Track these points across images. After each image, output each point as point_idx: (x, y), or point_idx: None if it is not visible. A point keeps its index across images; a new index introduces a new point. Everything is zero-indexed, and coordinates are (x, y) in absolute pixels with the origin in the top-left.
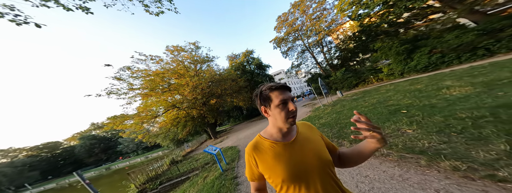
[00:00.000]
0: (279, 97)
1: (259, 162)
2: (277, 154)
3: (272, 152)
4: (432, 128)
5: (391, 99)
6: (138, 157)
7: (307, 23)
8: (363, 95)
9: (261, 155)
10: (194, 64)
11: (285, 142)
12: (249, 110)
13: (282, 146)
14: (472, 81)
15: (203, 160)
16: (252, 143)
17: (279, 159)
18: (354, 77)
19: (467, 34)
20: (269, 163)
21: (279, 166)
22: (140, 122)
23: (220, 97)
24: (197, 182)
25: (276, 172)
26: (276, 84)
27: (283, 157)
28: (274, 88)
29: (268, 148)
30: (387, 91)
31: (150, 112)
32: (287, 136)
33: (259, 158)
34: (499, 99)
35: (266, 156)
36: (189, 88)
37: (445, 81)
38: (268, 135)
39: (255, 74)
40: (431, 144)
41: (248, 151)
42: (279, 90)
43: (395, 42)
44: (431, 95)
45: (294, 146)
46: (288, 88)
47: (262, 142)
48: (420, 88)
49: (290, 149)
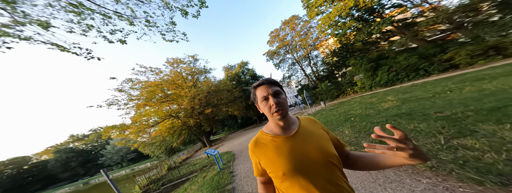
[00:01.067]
0: (261, 94)
1: (261, 157)
2: (278, 147)
3: (273, 146)
4: (358, 129)
5: (352, 109)
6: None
7: (296, 38)
8: (338, 106)
9: (262, 150)
10: (192, 76)
11: (285, 135)
12: (244, 118)
13: (283, 139)
14: (400, 97)
15: (201, 164)
16: (254, 139)
17: (280, 152)
18: (335, 89)
19: (412, 57)
20: (270, 157)
21: (279, 159)
22: (137, 132)
23: (216, 107)
24: (197, 181)
25: (277, 165)
26: (259, 81)
27: (284, 150)
28: (257, 85)
29: (269, 142)
30: (354, 103)
31: (146, 122)
32: (288, 130)
33: (260, 153)
34: (401, 110)
35: (267, 150)
36: (188, 98)
37: (388, 95)
38: (268, 130)
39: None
40: (350, 139)
41: (250, 147)
42: (261, 87)
43: (364, 60)
44: (373, 107)
45: (295, 139)
46: (272, 82)
47: (263, 137)
48: (373, 101)
49: (291, 142)
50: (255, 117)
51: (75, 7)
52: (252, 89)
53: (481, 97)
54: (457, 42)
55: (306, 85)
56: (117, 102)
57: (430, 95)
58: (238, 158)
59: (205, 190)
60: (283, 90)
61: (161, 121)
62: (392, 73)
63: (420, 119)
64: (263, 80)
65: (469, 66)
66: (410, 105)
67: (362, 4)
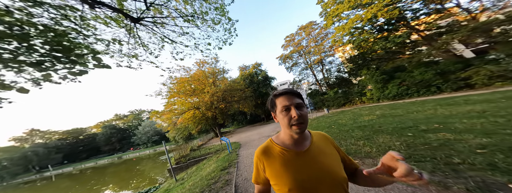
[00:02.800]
0: (282, 103)
1: (267, 167)
2: (287, 161)
3: (282, 159)
4: (336, 136)
5: (341, 119)
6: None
7: (311, 44)
8: (338, 114)
9: (269, 160)
10: (213, 75)
11: (297, 150)
12: (252, 115)
13: (293, 154)
14: (383, 112)
15: (214, 149)
16: (262, 147)
17: (288, 167)
18: (343, 97)
19: (429, 72)
20: (277, 170)
21: (287, 174)
22: (170, 117)
23: (229, 103)
24: (213, 159)
25: (283, 180)
26: (282, 90)
27: (293, 166)
28: (279, 94)
29: (278, 154)
30: (350, 113)
31: (176, 110)
32: (300, 145)
33: (267, 163)
34: (367, 123)
35: (274, 162)
36: (209, 94)
37: (378, 110)
38: (279, 141)
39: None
40: None
41: (257, 154)
42: (283, 96)
43: (376, 72)
44: (356, 118)
45: (306, 156)
46: (295, 93)
47: (272, 147)
48: (362, 113)
49: (301, 159)
50: (263, 116)
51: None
52: (272, 96)
53: (423, 120)
54: (484, 59)
55: (315, 91)
56: (160, 93)
57: (402, 114)
58: (243, 146)
59: (220, 162)
60: (305, 104)
61: (187, 110)
62: (402, 87)
63: (363, 129)
64: (286, 89)
65: (485, 86)
66: (378, 120)
67: (380, 16)
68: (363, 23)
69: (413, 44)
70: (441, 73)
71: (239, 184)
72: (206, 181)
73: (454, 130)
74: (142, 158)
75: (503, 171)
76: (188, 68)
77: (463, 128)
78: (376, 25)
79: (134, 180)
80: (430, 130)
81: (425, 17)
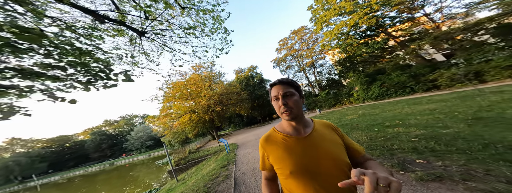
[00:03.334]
0: (273, 93)
1: (270, 153)
2: (288, 147)
3: (284, 144)
4: None
5: (331, 118)
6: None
7: (303, 48)
8: (327, 114)
9: (272, 147)
10: (209, 78)
11: (298, 136)
12: (249, 118)
13: (295, 140)
14: (364, 112)
15: (213, 150)
16: (266, 135)
17: (290, 152)
18: (333, 98)
19: (403, 75)
20: (280, 155)
21: (288, 158)
22: (167, 121)
23: (225, 106)
24: (212, 159)
25: (285, 164)
26: (276, 80)
27: (294, 151)
28: (272, 85)
29: (280, 140)
30: (337, 113)
31: (173, 114)
32: (301, 131)
33: (270, 149)
34: (349, 122)
35: (277, 148)
36: (206, 98)
37: (360, 110)
38: (281, 129)
39: (256, 87)
40: None
41: (261, 143)
42: (275, 86)
43: (361, 74)
44: (341, 117)
45: (307, 141)
46: (286, 82)
47: (275, 135)
48: (347, 113)
49: (302, 144)
50: (259, 117)
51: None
52: (269, 86)
53: (390, 117)
54: (448, 64)
55: (308, 92)
56: (157, 98)
57: (377, 113)
58: (240, 147)
59: (219, 161)
60: (298, 91)
61: (183, 114)
62: (383, 88)
63: (344, 127)
64: (278, 79)
65: (448, 87)
66: (358, 119)
67: (361, 23)
68: (348, 29)
69: (391, 49)
70: (413, 76)
71: (237, 177)
72: (207, 177)
73: (407, 125)
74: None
75: (419, 152)
76: (184, 72)
77: (413, 123)
78: (360, 31)
79: (128, 186)
80: (391, 125)
81: (400, 25)
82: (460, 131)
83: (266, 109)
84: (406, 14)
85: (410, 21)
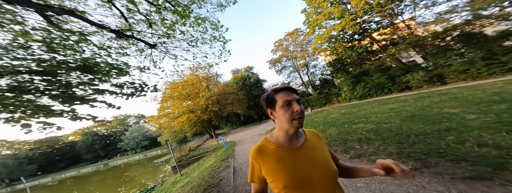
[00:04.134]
0: (284, 98)
1: (262, 166)
2: (281, 158)
3: (277, 156)
4: None
5: (318, 117)
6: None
7: (297, 49)
8: (317, 113)
9: (264, 159)
10: (206, 79)
11: (291, 147)
12: (246, 116)
13: (288, 150)
14: (346, 110)
15: (212, 148)
16: (257, 146)
17: (283, 164)
18: (324, 98)
19: (382, 77)
20: (272, 167)
21: (282, 171)
22: (167, 121)
23: (223, 106)
24: (212, 155)
25: (279, 177)
26: (281, 86)
27: (287, 162)
28: (279, 90)
29: (273, 152)
30: (325, 112)
31: (171, 114)
32: (294, 141)
33: (262, 162)
34: (332, 120)
35: (269, 160)
36: (204, 98)
37: (343, 109)
38: (273, 139)
39: (253, 87)
40: None
41: (252, 154)
42: (283, 92)
43: (348, 75)
44: (326, 116)
45: (300, 152)
46: (293, 90)
47: (267, 145)
48: (332, 111)
49: (295, 155)
50: (255, 116)
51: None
52: (271, 92)
53: (362, 115)
54: (419, 67)
55: (302, 92)
56: (156, 98)
57: (355, 112)
58: (238, 144)
59: (219, 156)
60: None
61: (182, 114)
62: (366, 89)
63: (325, 124)
64: (286, 85)
65: (418, 88)
66: (339, 117)
67: (347, 29)
68: (337, 33)
69: (375, 52)
70: (391, 77)
71: (236, 167)
72: (210, 168)
73: (367, 122)
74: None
75: (360, 141)
76: (181, 73)
77: (372, 120)
78: (347, 35)
79: (123, 187)
80: (357, 122)
81: (383, 29)
82: (394, 125)
83: (262, 108)
84: (388, 19)
85: (391, 27)
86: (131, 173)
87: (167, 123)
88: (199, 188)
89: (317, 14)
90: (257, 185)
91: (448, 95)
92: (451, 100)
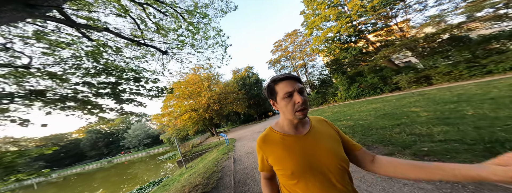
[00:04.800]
0: (284, 89)
1: (269, 154)
2: (288, 146)
3: (283, 144)
4: None
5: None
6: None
7: (296, 50)
8: (312, 112)
9: (270, 148)
10: (208, 79)
11: (297, 135)
12: (246, 115)
13: (294, 139)
14: (338, 109)
15: (214, 144)
16: (262, 135)
17: (290, 152)
18: (321, 97)
19: (375, 78)
20: (279, 156)
21: (289, 159)
22: (171, 119)
23: (224, 104)
24: (214, 151)
25: (286, 164)
26: (280, 75)
27: (294, 150)
28: (279, 80)
29: (279, 140)
30: (320, 111)
31: (174, 112)
32: (299, 129)
33: (269, 151)
34: (328, 117)
35: (276, 148)
36: (206, 98)
37: (336, 108)
38: (279, 128)
39: (253, 86)
40: None
41: (258, 143)
42: (284, 82)
43: (343, 76)
44: (321, 115)
45: (306, 140)
46: (295, 78)
47: (272, 134)
48: (326, 110)
49: (302, 143)
50: (255, 115)
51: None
52: (271, 83)
53: (349, 114)
54: (409, 68)
55: None
56: (159, 96)
57: (345, 111)
58: (238, 140)
59: (221, 151)
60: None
61: (184, 112)
62: (360, 89)
63: None
64: (286, 74)
65: (406, 89)
66: (331, 116)
67: (342, 32)
68: (333, 35)
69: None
70: (383, 78)
71: (236, 158)
72: (214, 160)
73: (350, 119)
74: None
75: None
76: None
77: (354, 118)
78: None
79: (125, 184)
80: (343, 120)
81: (378, 31)
82: (367, 122)
83: (261, 107)
84: (382, 21)
85: (386, 29)
86: (133, 170)
87: (170, 121)
88: (205, 174)
89: (315, 15)
90: (266, 173)
91: (423, 96)
92: (423, 100)
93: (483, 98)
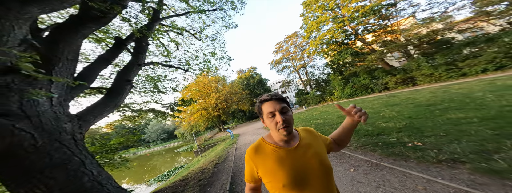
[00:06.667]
0: (268, 109)
1: (260, 166)
2: (279, 159)
3: (274, 156)
4: None
5: (304, 114)
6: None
7: (297, 51)
8: (308, 111)
9: (262, 159)
10: (215, 81)
11: (288, 147)
12: (251, 113)
13: (285, 151)
14: (326, 109)
15: (222, 139)
16: (254, 146)
17: (282, 164)
18: (319, 96)
19: (367, 78)
20: (271, 168)
21: (281, 171)
22: (186, 116)
23: (229, 104)
24: (222, 143)
25: (277, 177)
26: (266, 96)
27: (286, 163)
28: (264, 101)
29: (270, 152)
30: (314, 110)
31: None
32: (290, 142)
33: (260, 162)
34: (311, 116)
35: (267, 160)
36: (214, 98)
37: (326, 108)
38: (271, 140)
39: (256, 86)
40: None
41: (249, 153)
42: (268, 102)
43: (339, 76)
44: (311, 113)
45: (297, 152)
46: (278, 99)
47: (264, 146)
48: (319, 109)
49: (292, 155)
50: None
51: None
52: (258, 103)
53: (332, 112)
54: (398, 70)
55: (301, 90)
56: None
57: (330, 110)
58: (241, 136)
59: (227, 143)
60: (289, 107)
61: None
62: (353, 89)
63: (303, 120)
64: (270, 95)
65: (394, 89)
66: (318, 115)
67: (335, 37)
68: (328, 39)
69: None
70: (374, 79)
71: (237, 147)
72: (222, 150)
73: (326, 118)
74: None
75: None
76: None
77: (328, 117)
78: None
79: (147, 174)
80: (320, 119)
81: (373, 32)
82: (332, 120)
83: None
84: (376, 25)
85: (379, 30)
86: (153, 162)
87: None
88: (217, 155)
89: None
90: (252, 184)
91: (391, 98)
92: (387, 102)
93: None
